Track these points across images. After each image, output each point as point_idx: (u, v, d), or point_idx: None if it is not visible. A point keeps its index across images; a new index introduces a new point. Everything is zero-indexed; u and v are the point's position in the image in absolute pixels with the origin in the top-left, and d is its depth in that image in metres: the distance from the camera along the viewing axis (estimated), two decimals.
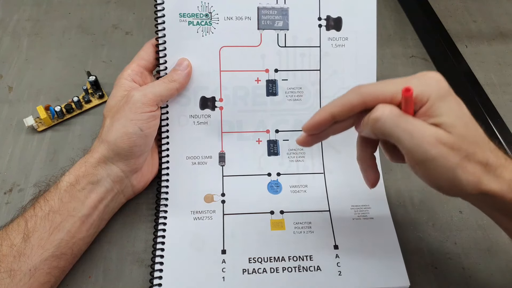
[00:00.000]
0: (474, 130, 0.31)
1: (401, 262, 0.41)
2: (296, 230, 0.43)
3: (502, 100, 0.55)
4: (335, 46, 0.46)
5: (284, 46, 0.46)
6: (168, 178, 0.45)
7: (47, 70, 0.56)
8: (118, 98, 0.42)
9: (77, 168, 0.40)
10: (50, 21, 0.61)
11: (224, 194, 0.45)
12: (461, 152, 0.30)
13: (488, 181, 0.31)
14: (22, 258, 0.36)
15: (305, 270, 0.40)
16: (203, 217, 0.43)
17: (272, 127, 0.47)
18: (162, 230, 0.42)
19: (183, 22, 0.44)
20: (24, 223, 0.37)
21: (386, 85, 0.32)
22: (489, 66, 0.58)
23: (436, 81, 0.32)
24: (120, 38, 0.59)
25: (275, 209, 0.44)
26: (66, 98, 0.52)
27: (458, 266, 0.42)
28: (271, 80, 0.46)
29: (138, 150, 0.41)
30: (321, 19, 0.46)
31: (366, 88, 0.33)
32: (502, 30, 0.62)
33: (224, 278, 0.40)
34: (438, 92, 0.31)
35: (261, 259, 0.41)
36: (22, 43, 0.58)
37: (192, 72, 0.45)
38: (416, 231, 0.44)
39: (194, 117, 0.45)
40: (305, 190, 0.45)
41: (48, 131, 0.50)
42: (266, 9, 0.45)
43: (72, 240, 0.38)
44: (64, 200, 0.38)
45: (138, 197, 0.45)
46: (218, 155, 0.46)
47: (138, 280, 0.41)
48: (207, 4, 0.45)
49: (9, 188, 0.46)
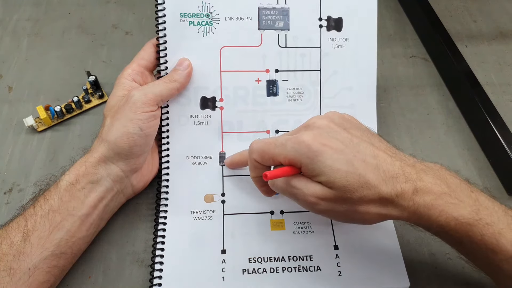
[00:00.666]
0: (357, 176, 0.32)
1: (401, 262, 0.41)
2: (296, 230, 0.43)
3: (502, 100, 0.55)
4: (336, 46, 0.46)
5: (285, 46, 0.46)
6: (168, 178, 0.45)
7: (47, 70, 0.56)
8: (119, 97, 0.42)
9: (77, 168, 0.40)
10: (50, 21, 0.61)
11: (224, 194, 0.45)
12: (346, 201, 0.32)
13: (387, 212, 0.33)
14: (22, 257, 0.36)
15: (305, 270, 0.40)
16: (203, 217, 0.43)
17: (272, 127, 0.47)
18: (162, 230, 0.42)
19: (184, 22, 0.44)
20: (24, 222, 0.37)
21: (269, 147, 0.35)
22: (489, 66, 0.58)
23: (306, 145, 0.33)
24: (120, 38, 0.59)
25: (275, 209, 0.44)
26: (66, 98, 0.52)
27: (458, 266, 0.42)
28: (271, 81, 0.46)
29: (138, 149, 0.41)
30: (322, 20, 0.46)
31: (255, 144, 0.37)
32: (502, 30, 0.62)
33: (224, 278, 0.40)
34: (307, 155, 0.33)
35: (261, 259, 0.41)
36: (22, 43, 0.58)
37: (192, 72, 0.45)
38: (416, 231, 0.44)
39: (194, 117, 0.45)
40: None
41: (48, 131, 0.50)
42: (266, 9, 0.45)
43: (71, 240, 0.38)
44: (64, 199, 0.38)
45: (138, 197, 0.45)
46: (218, 155, 0.46)
47: (138, 280, 0.41)
48: (208, 4, 0.45)
49: (9, 188, 0.46)
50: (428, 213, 0.32)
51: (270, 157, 0.35)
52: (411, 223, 0.34)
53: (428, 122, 0.53)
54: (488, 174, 0.49)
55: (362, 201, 0.32)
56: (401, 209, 0.32)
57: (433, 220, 0.32)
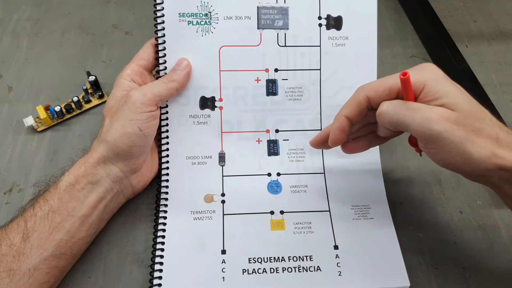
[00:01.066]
0: (477, 108, 0.33)
1: (401, 262, 0.41)
2: (296, 230, 0.43)
3: (502, 100, 0.55)
4: (335, 45, 0.46)
5: (284, 45, 0.46)
6: (168, 178, 0.45)
7: (47, 70, 0.56)
8: (118, 98, 0.42)
9: (76, 168, 0.40)
10: (50, 21, 0.61)
11: (224, 194, 0.45)
12: (467, 127, 0.31)
13: (503, 153, 0.32)
14: (22, 258, 0.36)
15: (305, 270, 0.40)
16: (203, 217, 0.43)
17: (272, 127, 0.47)
18: (162, 230, 0.42)
19: (183, 21, 0.44)
20: (24, 223, 0.37)
21: (384, 79, 0.36)
22: (489, 66, 0.58)
23: (430, 68, 0.34)
24: (120, 38, 0.59)
25: (275, 209, 0.44)
26: (66, 98, 0.52)
27: (458, 266, 0.42)
28: (271, 80, 0.46)
29: (137, 150, 0.41)
30: (321, 18, 0.46)
31: (366, 84, 0.37)
32: (502, 30, 0.62)
33: (224, 278, 0.40)
34: (433, 77, 0.33)
35: (261, 259, 0.41)
36: (22, 43, 0.58)
37: (191, 72, 0.45)
38: (416, 231, 0.44)
39: (194, 117, 0.45)
40: (305, 190, 0.45)
41: (48, 131, 0.50)
42: (266, 8, 0.45)
43: (71, 240, 0.38)
44: (63, 200, 0.38)
45: (138, 197, 0.45)
46: (218, 155, 0.46)
47: (138, 280, 0.41)
48: (207, 3, 0.44)
49: (9, 188, 0.46)
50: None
51: (387, 87, 0.35)
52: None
53: None
54: None
55: (481, 132, 0.32)
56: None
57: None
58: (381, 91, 0.35)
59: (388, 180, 0.47)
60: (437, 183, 0.47)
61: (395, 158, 0.49)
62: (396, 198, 0.46)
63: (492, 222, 0.45)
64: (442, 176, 0.48)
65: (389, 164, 0.48)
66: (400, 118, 0.33)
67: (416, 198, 0.46)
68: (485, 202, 0.46)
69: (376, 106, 0.36)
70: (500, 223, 0.45)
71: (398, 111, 0.33)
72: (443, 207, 0.46)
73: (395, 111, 0.33)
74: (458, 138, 0.31)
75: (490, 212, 0.45)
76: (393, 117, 0.34)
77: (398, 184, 0.47)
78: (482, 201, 0.46)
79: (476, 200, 0.46)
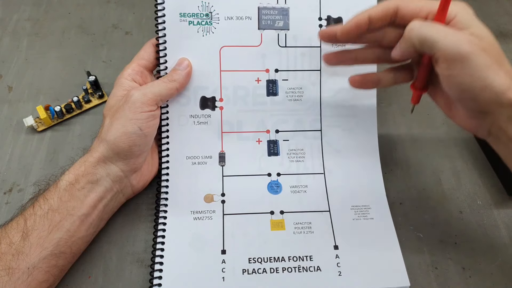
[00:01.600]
0: (499, 48, 0.34)
1: (401, 262, 0.41)
2: (296, 230, 0.43)
3: None
4: (336, 46, 0.46)
5: (285, 46, 0.46)
6: (168, 178, 0.45)
7: (47, 70, 0.56)
8: (118, 97, 0.42)
9: (76, 168, 0.40)
10: (50, 21, 0.61)
11: (224, 194, 0.45)
12: (492, 56, 0.33)
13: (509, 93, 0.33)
14: (21, 257, 0.36)
15: (305, 270, 0.40)
16: (203, 217, 0.43)
17: (272, 127, 0.47)
18: (162, 230, 0.42)
19: (184, 22, 0.44)
20: (23, 221, 0.37)
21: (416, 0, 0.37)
22: None
23: (463, 4, 0.36)
24: (120, 38, 0.59)
25: (275, 209, 0.44)
26: (66, 98, 0.52)
27: (458, 266, 0.42)
28: (271, 80, 0.46)
29: (137, 149, 0.41)
30: (322, 19, 0.46)
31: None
32: (502, 30, 0.62)
33: (224, 278, 0.40)
34: (465, 10, 0.36)
35: (261, 259, 0.41)
36: (22, 43, 0.58)
37: (192, 72, 0.45)
38: (416, 231, 0.44)
39: (194, 117, 0.45)
40: (305, 190, 0.45)
41: (48, 131, 0.50)
42: (266, 9, 0.45)
43: (71, 239, 0.38)
44: (63, 199, 0.38)
45: (138, 197, 0.45)
46: (218, 155, 0.46)
47: (138, 280, 0.41)
48: (208, 4, 0.45)
49: (9, 188, 0.46)
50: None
51: (418, 6, 0.36)
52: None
53: (428, 122, 0.53)
54: (488, 174, 0.48)
55: (503, 66, 0.33)
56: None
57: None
58: (413, 8, 0.36)
59: (388, 180, 0.47)
60: (437, 183, 0.47)
61: (395, 158, 0.49)
62: (396, 198, 0.46)
63: (492, 222, 0.45)
64: (442, 176, 0.48)
65: (389, 164, 0.48)
66: (432, 34, 0.34)
67: (416, 198, 0.46)
68: (485, 202, 0.46)
69: (400, 21, 0.37)
70: (500, 223, 0.45)
71: (430, 28, 0.34)
72: (443, 207, 0.46)
73: (427, 27, 0.35)
74: (484, 62, 0.33)
75: (490, 212, 0.45)
76: (423, 32, 0.34)
77: (398, 184, 0.47)
78: (482, 201, 0.46)
79: (476, 200, 0.46)
